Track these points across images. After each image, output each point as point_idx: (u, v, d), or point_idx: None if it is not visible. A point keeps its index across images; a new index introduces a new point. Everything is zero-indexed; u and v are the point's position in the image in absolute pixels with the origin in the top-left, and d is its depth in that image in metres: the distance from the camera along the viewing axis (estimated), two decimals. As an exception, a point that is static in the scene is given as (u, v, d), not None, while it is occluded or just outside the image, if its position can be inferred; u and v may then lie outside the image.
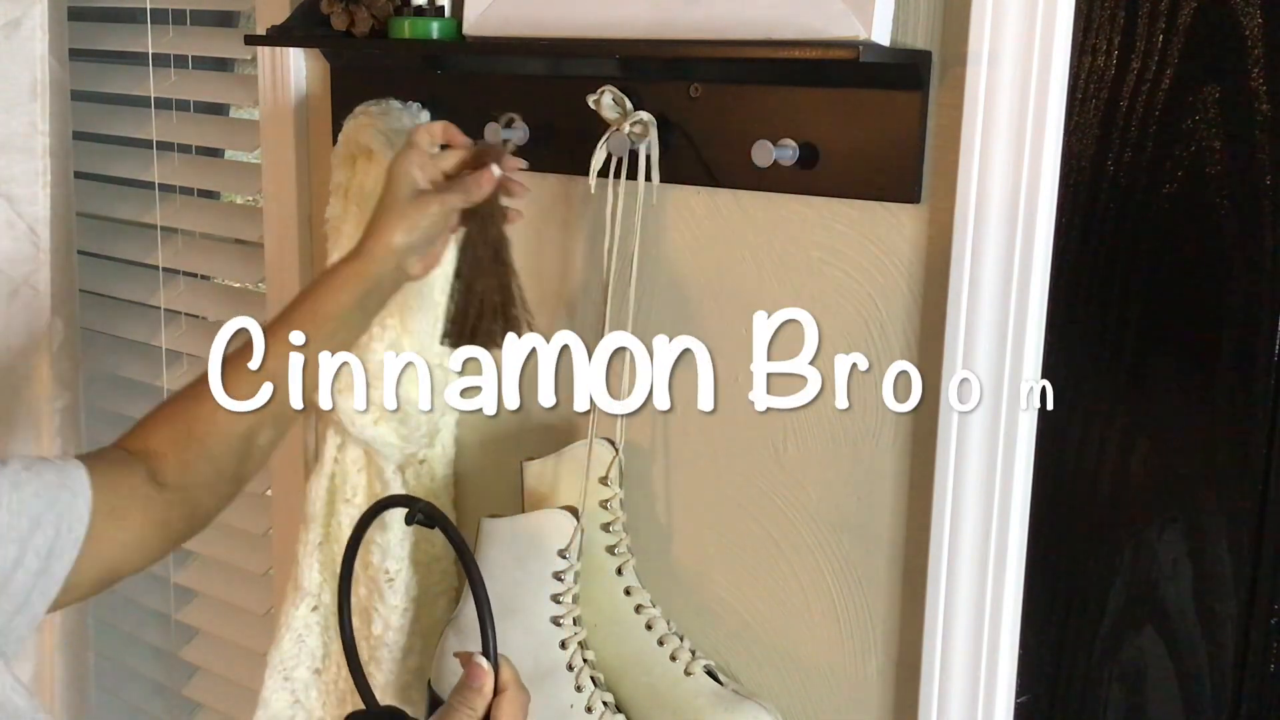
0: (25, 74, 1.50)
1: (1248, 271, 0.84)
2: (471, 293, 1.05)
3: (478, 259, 1.05)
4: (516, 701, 0.88)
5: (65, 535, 0.87)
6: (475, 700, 0.87)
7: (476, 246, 1.05)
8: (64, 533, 0.87)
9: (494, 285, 1.04)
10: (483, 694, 0.87)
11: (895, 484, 0.99)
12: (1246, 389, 0.85)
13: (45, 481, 0.87)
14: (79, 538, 0.88)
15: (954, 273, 0.92)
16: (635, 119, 1.04)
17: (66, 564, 0.87)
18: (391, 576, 1.20)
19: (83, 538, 0.88)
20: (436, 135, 1.06)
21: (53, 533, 0.86)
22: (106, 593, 1.70)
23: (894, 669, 1.01)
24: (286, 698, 1.30)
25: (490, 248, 1.05)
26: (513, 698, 0.87)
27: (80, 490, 0.89)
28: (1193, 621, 0.89)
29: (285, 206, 1.37)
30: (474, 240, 1.05)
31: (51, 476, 0.87)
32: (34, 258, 1.54)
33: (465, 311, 1.05)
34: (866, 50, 0.89)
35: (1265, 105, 0.82)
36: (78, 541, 0.88)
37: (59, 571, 0.87)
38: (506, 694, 0.87)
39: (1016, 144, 0.88)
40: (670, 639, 1.08)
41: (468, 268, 1.06)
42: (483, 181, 1.02)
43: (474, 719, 0.87)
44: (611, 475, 1.09)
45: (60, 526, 0.86)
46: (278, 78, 1.34)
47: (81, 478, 0.89)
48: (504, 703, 0.87)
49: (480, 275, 1.05)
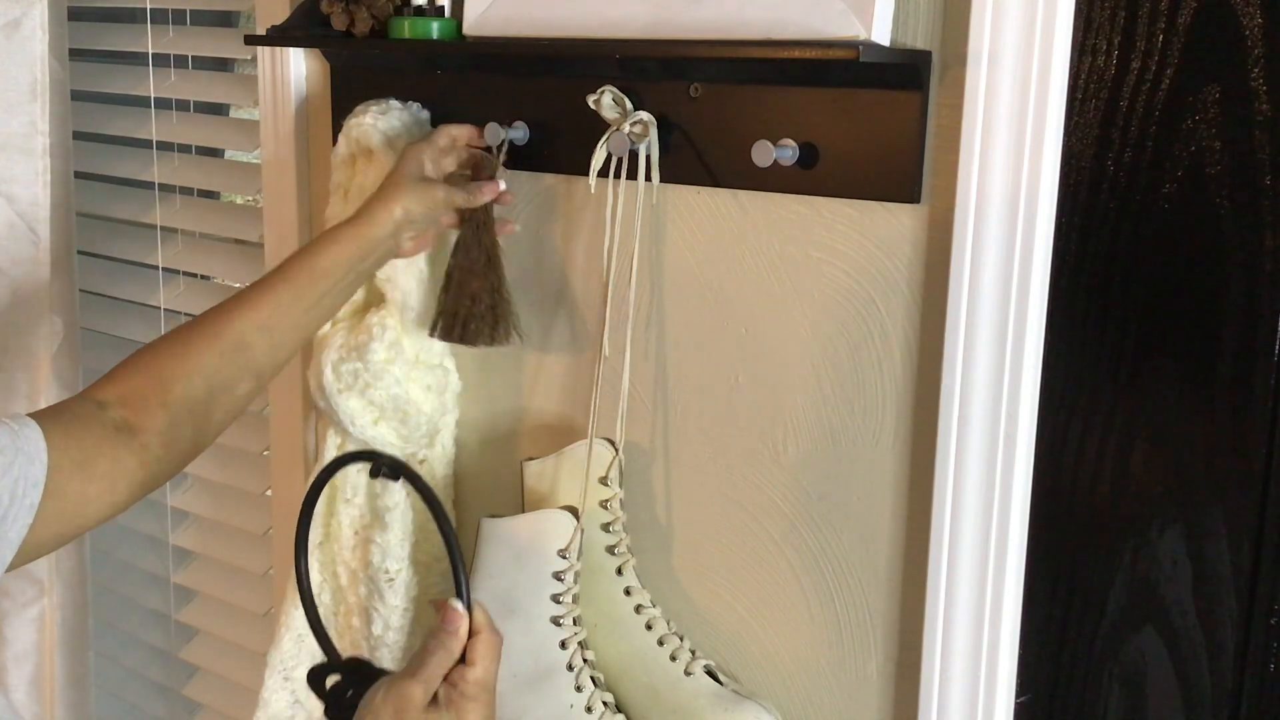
0: (25, 74, 1.50)
1: (1248, 271, 0.84)
2: (464, 293, 1.10)
3: (472, 262, 1.10)
4: (491, 643, 0.91)
5: (20, 500, 0.86)
6: (451, 642, 0.90)
7: (471, 250, 1.10)
8: (18, 497, 0.86)
9: (485, 288, 1.10)
10: (458, 636, 0.90)
11: (895, 484, 0.99)
12: (1246, 389, 0.85)
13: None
14: (34, 503, 0.87)
15: (954, 273, 0.92)
16: (635, 119, 1.04)
17: (21, 528, 0.86)
18: (391, 576, 1.20)
19: (38, 502, 0.87)
20: (460, 139, 1.12)
21: (6, 498, 0.85)
22: (106, 593, 1.72)
23: (894, 669, 1.01)
24: (286, 698, 1.30)
25: (484, 253, 1.10)
26: (487, 639, 0.91)
27: (35, 454, 0.88)
28: (1193, 621, 0.89)
29: (285, 206, 1.37)
30: (469, 244, 1.11)
31: (5, 441, 0.87)
32: (34, 258, 1.54)
33: (456, 311, 1.11)
34: (866, 50, 0.89)
35: (1265, 105, 0.82)
36: (32, 507, 0.87)
37: (13, 536, 0.86)
38: (481, 635, 0.91)
39: (1016, 144, 0.88)
40: (670, 639, 1.08)
41: (460, 270, 1.11)
42: (485, 190, 1.09)
43: (450, 660, 0.90)
44: (611, 475, 1.09)
45: (15, 491, 0.86)
46: (278, 78, 1.34)
47: (37, 440, 0.89)
48: (479, 644, 0.90)
49: (473, 277, 1.10)
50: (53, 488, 0.88)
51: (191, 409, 0.98)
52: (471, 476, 1.26)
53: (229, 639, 1.61)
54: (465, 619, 0.91)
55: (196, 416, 0.99)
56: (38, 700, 1.66)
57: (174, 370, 0.98)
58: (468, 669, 0.90)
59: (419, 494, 0.95)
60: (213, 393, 0.99)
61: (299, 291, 1.04)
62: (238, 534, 1.58)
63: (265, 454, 1.50)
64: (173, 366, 0.98)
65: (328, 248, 1.06)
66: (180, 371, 0.98)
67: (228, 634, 1.61)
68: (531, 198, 1.17)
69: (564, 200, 1.15)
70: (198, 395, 0.98)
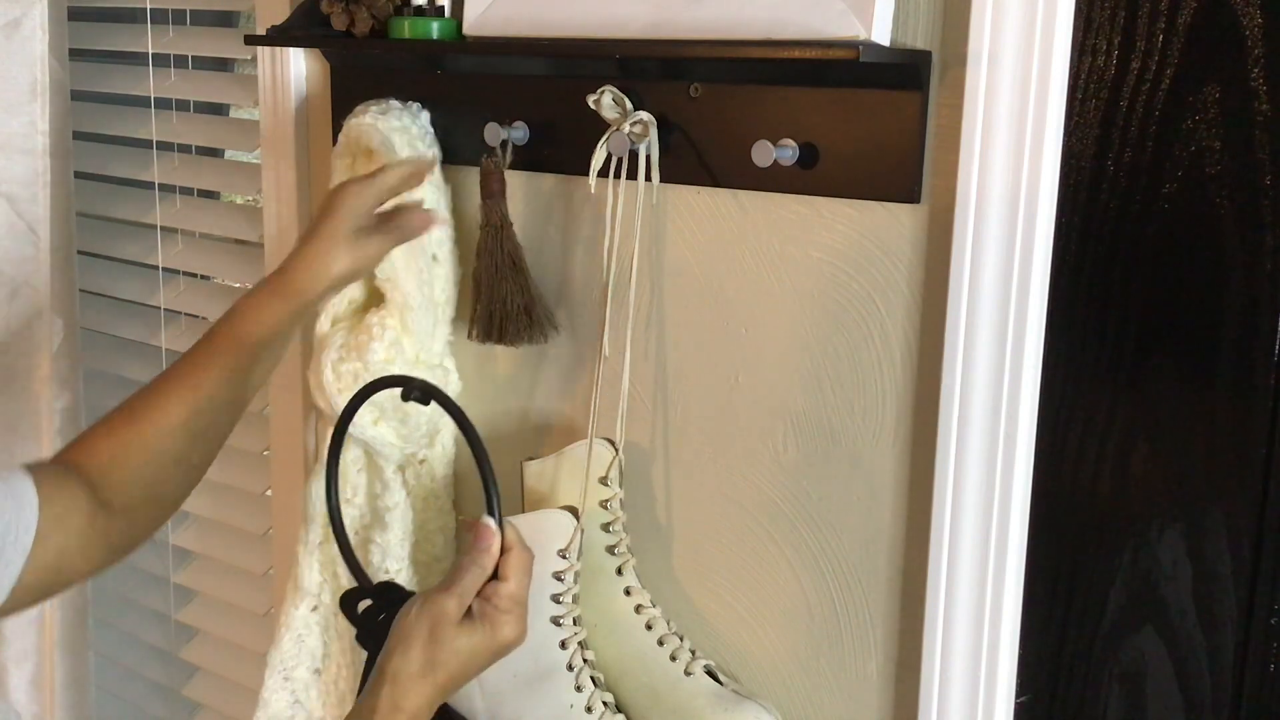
0: (25, 74, 1.50)
1: (1248, 271, 0.84)
2: (495, 296, 1.13)
3: (496, 265, 1.12)
4: (522, 559, 0.93)
5: (12, 546, 0.86)
6: (484, 559, 0.91)
7: (494, 254, 1.12)
8: (10, 543, 0.86)
9: (514, 289, 1.12)
10: (490, 553, 0.92)
11: (895, 484, 0.99)
12: (1246, 389, 0.85)
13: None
14: (26, 547, 0.87)
15: (954, 273, 0.92)
16: (635, 119, 1.04)
17: (14, 572, 0.86)
18: (391, 577, 1.20)
19: (30, 547, 0.87)
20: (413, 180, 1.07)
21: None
22: (106, 593, 1.72)
23: (894, 669, 1.01)
24: (286, 698, 1.30)
25: (507, 256, 1.12)
26: (519, 555, 0.93)
27: (28, 500, 0.88)
28: (1193, 621, 0.89)
29: (285, 206, 1.37)
30: (491, 248, 1.12)
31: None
32: (34, 258, 1.54)
33: (491, 313, 1.13)
34: (866, 50, 0.89)
35: (1265, 105, 0.82)
36: (25, 550, 0.87)
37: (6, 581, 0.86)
38: (513, 552, 0.92)
39: (1016, 144, 0.88)
40: (670, 639, 1.08)
41: (487, 274, 1.13)
42: (416, 223, 1.05)
43: (483, 576, 0.91)
44: (611, 475, 1.09)
45: (7, 537, 0.86)
46: (278, 78, 1.34)
47: (28, 488, 0.89)
48: (511, 560, 0.92)
49: (501, 280, 1.12)
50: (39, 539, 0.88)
51: (147, 483, 0.97)
52: (471, 476, 1.26)
53: (229, 639, 1.61)
54: (498, 536, 0.92)
55: (154, 488, 0.97)
56: (38, 700, 1.66)
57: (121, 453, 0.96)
58: (501, 584, 0.91)
59: (451, 416, 0.96)
60: (165, 467, 0.97)
61: (234, 363, 0.99)
62: (238, 534, 1.58)
63: (265, 454, 1.50)
64: (120, 450, 0.96)
65: (255, 315, 1.00)
66: (127, 454, 0.96)
67: (228, 634, 1.61)
68: (531, 198, 1.17)
69: (564, 200, 1.15)
70: (150, 473, 0.96)
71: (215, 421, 1.00)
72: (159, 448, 0.97)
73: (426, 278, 1.16)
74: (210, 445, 1.01)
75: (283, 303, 1.00)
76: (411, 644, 0.88)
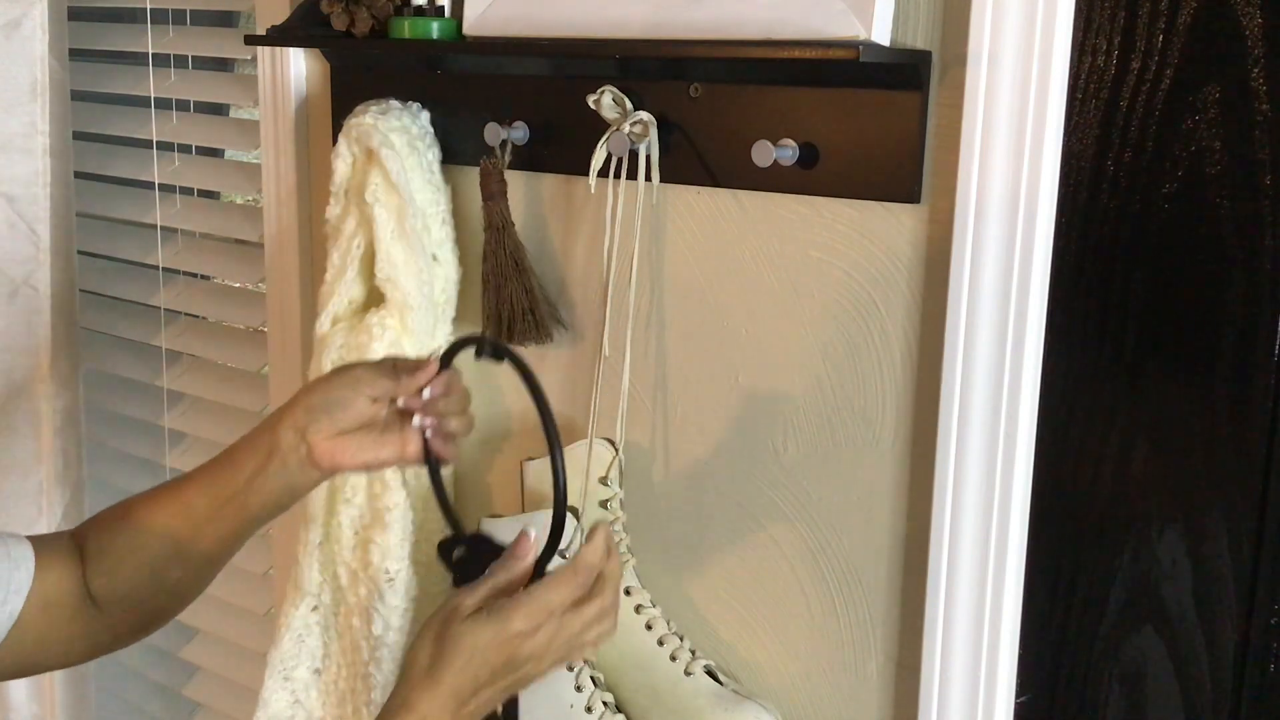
0: (25, 74, 1.50)
1: (1247, 272, 0.84)
2: (502, 298, 1.13)
3: (500, 267, 1.13)
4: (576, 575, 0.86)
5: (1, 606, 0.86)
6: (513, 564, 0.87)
7: (497, 256, 1.13)
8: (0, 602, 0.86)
9: (519, 289, 1.13)
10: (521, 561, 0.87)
11: (895, 484, 0.99)
12: (1246, 389, 0.85)
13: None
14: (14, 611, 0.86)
15: (954, 273, 0.92)
16: (635, 119, 1.04)
17: None
18: (391, 576, 1.20)
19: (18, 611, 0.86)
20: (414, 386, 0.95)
21: None
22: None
23: (894, 669, 1.01)
24: (286, 698, 1.30)
25: (510, 257, 1.12)
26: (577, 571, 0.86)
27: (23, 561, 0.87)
28: (1193, 621, 0.89)
29: (285, 206, 1.37)
30: (494, 250, 1.13)
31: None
32: (34, 258, 1.54)
33: (499, 315, 1.14)
34: (866, 50, 0.89)
35: (1265, 105, 0.82)
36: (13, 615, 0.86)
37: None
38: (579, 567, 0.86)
39: (1016, 144, 0.88)
40: (670, 639, 1.08)
41: (493, 276, 1.14)
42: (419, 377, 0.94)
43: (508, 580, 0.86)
44: (611, 475, 1.09)
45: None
46: (278, 78, 1.34)
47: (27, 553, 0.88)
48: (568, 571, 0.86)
49: (506, 281, 1.13)
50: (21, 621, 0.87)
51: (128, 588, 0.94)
52: (471, 476, 1.26)
53: (229, 639, 1.61)
54: (533, 548, 0.87)
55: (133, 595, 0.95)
56: (38, 700, 1.66)
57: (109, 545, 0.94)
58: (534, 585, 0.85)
59: (521, 376, 0.91)
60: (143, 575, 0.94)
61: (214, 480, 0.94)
62: (238, 534, 1.57)
63: (265, 454, 1.50)
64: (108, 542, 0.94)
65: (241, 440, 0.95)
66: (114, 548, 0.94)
67: (228, 634, 1.61)
68: (531, 198, 1.17)
69: (564, 200, 1.15)
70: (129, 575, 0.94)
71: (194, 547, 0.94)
72: (143, 550, 0.94)
73: (426, 278, 1.16)
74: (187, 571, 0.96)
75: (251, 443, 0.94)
76: (422, 640, 0.84)
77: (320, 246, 1.29)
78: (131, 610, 0.96)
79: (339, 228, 1.21)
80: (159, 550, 0.94)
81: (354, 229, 1.19)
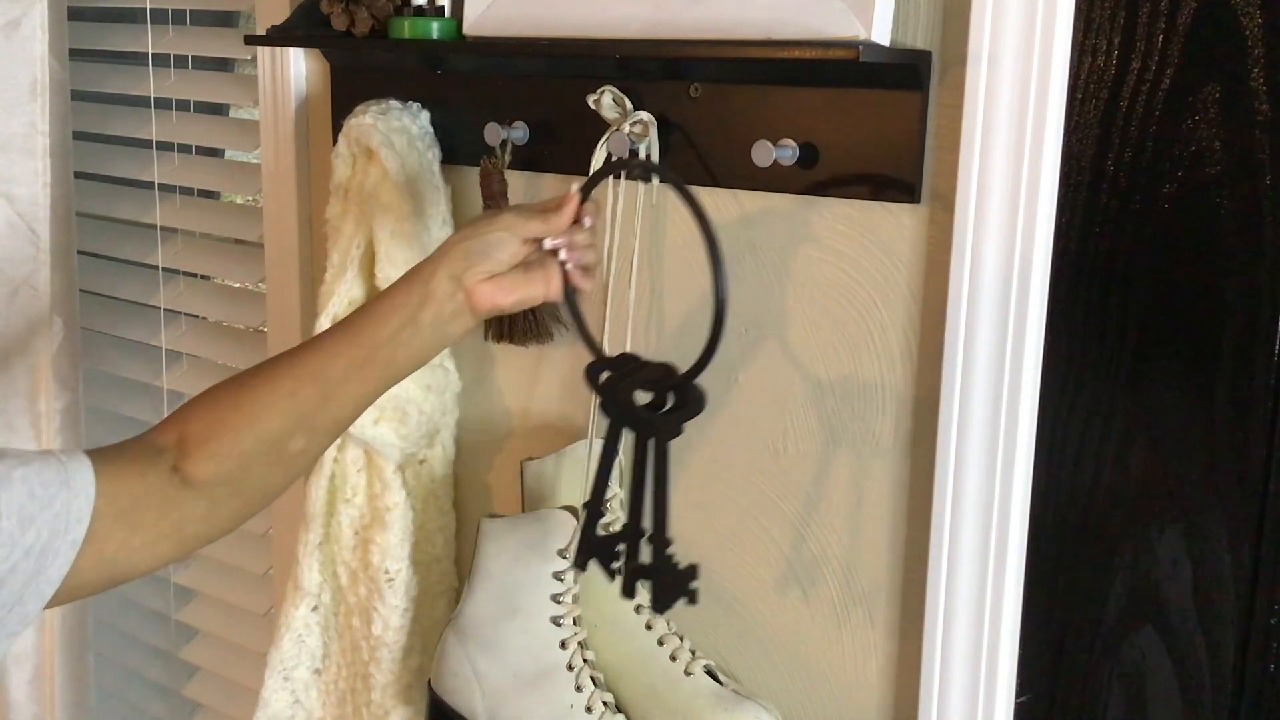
0: (25, 74, 1.50)
1: (1247, 272, 0.84)
2: None
3: None
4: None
5: (61, 536, 0.85)
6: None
7: None
8: (60, 533, 0.85)
9: None
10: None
11: (895, 484, 0.99)
12: (1246, 389, 0.85)
13: (44, 479, 0.86)
14: (76, 539, 0.86)
15: (954, 273, 0.92)
16: (635, 119, 1.04)
17: (63, 565, 0.86)
18: (391, 576, 1.20)
19: (81, 539, 0.87)
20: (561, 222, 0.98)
21: (47, 533, 0.84)
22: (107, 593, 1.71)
23: (894, 669, 1.01)
24: (286, 698, 1.30)
25: None
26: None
27: (82, 488, 0.87)
28: (1193, 621, 0.89)
29: (285, 206, 1.37)
30: None
31: (51, 474, 0.86)
32: (34, 258, 1.54)
33: (500, 316, 1.12)
34: (866, 50, 0.89)
35: (1265, 105, 0.82)
36: (75, 543, 0.86)
37: (54, 573, 0.85)
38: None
39: (1016, 144, 0.88)
40: (670, 639, 1.08)
41: None
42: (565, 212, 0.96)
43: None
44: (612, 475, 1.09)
45: (56, 526, 0.85)
46: (278, 78, 1.34)
47: (86, 475, 0.87)
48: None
49: None
50: (96, 532, 0.86)
51: (241, 463, 0.93)
52: (471, 476, 1.26)
53: (229, 639, 1.61)
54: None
55: (246, 471, 0.94)
56: (38, 700, 1.67)
57: (224, 420, 0.93)
58: None
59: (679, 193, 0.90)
60: (263, 447, 0.94)
61: (350, 340, 0.95)
62: (238, 534, 1.57)
63: (265, 454, 1.50)
64: (223, 415, 0.93)
65: (382, 295, 0.97)
66: (229, 422, 0.93)
67: (228, 634, 1.61)
68: (531, 198, 1.17)
69: (564, 200, 1.15)
70: (246, 449, 0.93)
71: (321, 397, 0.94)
72: (262, 423, 0.93)
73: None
74: (313, 439, 0.96)
75: (401, 282, 0.96)
76: None
77: (320, 246, 1.29)
78: (237, 494, 0.94)
79: (339, 228, 1.21)
80: (280, 423, 0.93)
81: (354, 229, 1.19)
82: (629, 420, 0.93)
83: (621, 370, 0.95)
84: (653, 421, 0.92)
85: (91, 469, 0.87)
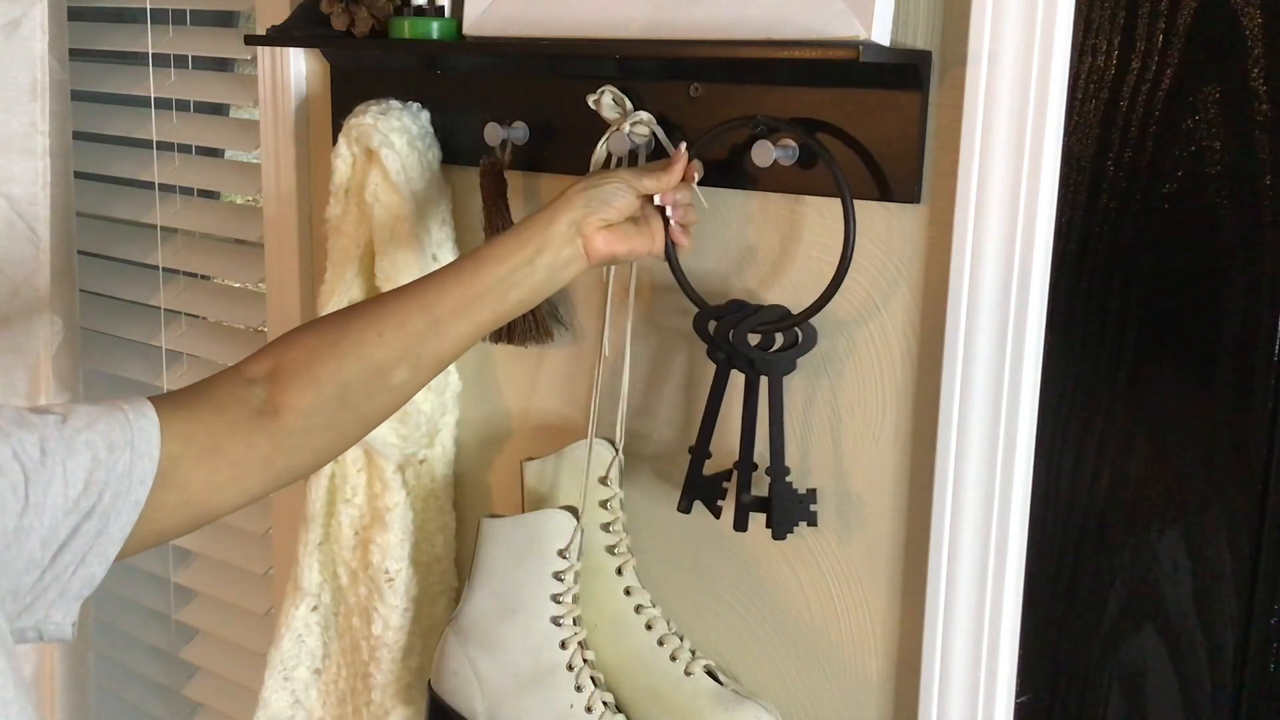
0: (25, 74, 1.51)
1: (1247, 272, 0.84)
2: None
3: None
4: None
5: (124, 498, 0.83)
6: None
7: None
8: (122, 494, 0.83)
9: None
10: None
11: (895, 483, 0.99)
12: (1246, 389, 0.85)
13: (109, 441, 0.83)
14: (139, 500, 0.84)
15: (954, 273, 0.92)
16: (635, 119, 1.04)
17: (125, 524, 0.84)
18: (391, 576, 1.20)
19: (144, 499, 0.84)
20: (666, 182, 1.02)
21: (109, 496, 0.82)
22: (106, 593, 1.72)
23: (894, 669, 1.01)
24: (286, 698, 1.30)
25: None
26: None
27: (146, 448, 0.84)
28: (1193, 621, 0.89)
29: (285, 206, 1.37)
30: None
31: (117, 434, 0.84)
32: (34, 258, 1.54)
33: None
34: (866, 50, 0.89)
35: (1265, 105, 0.82)
36: (138, 504, 0.84)
37: (116, 533, 0.83)
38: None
39: (1016, 144, 0.88)
40: (670, 639, 1.08)
41: None
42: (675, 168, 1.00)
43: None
44: (611, 475, 1.09)
45: (119, 488, 0.83)
46: (278, 78, 1.34)
47: (151, 434, 0.85)
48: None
49: None
50: (174, 477, 0.86)
51: (340, 391, 0.92)
52: (471, 476, 1.26)
53: (229, 639, 1.61)
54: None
55: (344, 400, 0.93)
56: (37, 700, 1.66)
57: (327, 347, 0.93)
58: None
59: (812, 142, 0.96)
60: (365, 376, 0.93)
61: (463, 278, 0.96)
62: (238, 534, 1.58)
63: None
64: (326, 343, 0.93)
65: (495, 239, 0.98)
66: (333, 349, 0.92)
67: (228, 634, 1.61)
68: (531, 198, 1.17)
69: (564, 200, 1.15)
70: (349, 377, 0.92)
71: (430, 330, 0.94)
72: (363, 347, 0.92)
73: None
74: (416, 372, 0.95)
75: (519, 228, 0.98)
76: None
77: (320, 246, 1.29)
78: (333, 423, 0.93)
79: (339, 228, 1.21)
80: (386, 353, 0.93)
81: (354, 229, 1.19)
82: (742, 361, 1.00)
83: (736, 315, 1.01)
84: (769, 358, 1.00)
85: (158, 425, 0.86)
